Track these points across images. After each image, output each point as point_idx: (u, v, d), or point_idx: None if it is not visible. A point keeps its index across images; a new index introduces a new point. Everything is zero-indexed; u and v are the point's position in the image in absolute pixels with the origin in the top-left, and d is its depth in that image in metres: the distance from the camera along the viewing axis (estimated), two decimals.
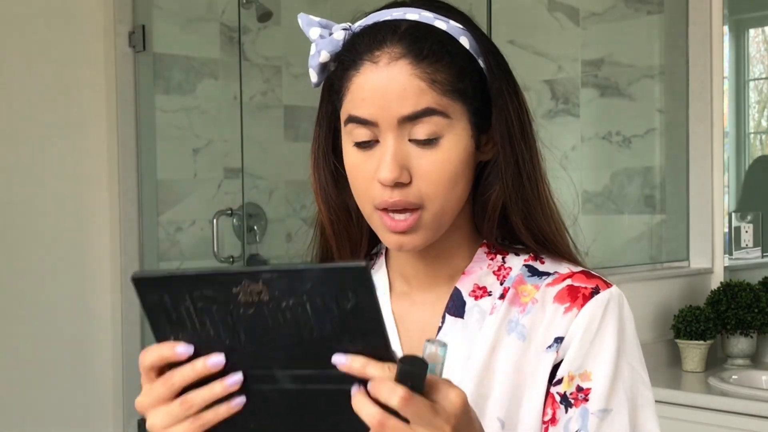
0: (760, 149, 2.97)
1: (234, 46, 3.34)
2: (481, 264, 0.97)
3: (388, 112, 0.87)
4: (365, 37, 0.91)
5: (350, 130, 0.91)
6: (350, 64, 0.90)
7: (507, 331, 0.94)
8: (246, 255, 3.34)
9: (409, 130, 0.88)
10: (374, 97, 0.88)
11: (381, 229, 0.92)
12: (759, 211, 2.81)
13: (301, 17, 0.96)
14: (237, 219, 3.32)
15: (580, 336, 0.91)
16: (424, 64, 0.87)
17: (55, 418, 2.84)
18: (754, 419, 2.12)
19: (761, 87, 2.96)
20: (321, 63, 0.93)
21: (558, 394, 0.91)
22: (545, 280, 0.95)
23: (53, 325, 2.84)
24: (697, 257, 2.79)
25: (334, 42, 0.93)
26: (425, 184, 0.89)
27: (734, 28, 2.87)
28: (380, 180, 0.88)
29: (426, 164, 0.89)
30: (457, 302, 0.96)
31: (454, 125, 0.89)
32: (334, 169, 0.98)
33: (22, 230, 2.79)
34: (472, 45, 0.92)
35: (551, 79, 3.03)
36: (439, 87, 0.88)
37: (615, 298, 0.93)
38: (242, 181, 3.27)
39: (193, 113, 3.28)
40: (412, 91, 0.87)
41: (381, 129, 0.88)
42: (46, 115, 2.83)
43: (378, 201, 0.90)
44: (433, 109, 0.88)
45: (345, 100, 0.91)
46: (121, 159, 2.95)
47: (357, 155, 0.91)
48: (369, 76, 0.88)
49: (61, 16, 2.86)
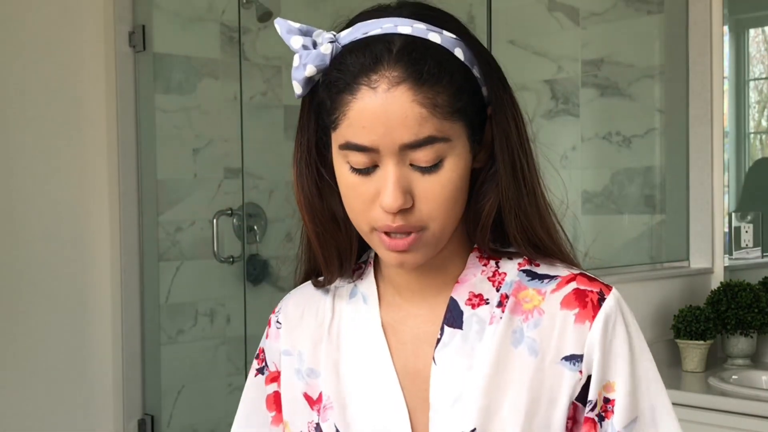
0: (760, 149, 2.97)
1: (234, 46, 3.34)
2: (475, 271, 0.96)
3: (389, 138, 0.85)
4: (357, 55, 0.86)
5: (347, 155, 0.88)
6: (344, 86, 0.86)
7: (513, 343, 0.92)
8: (246, 255, 3.34)
9: (411, 156, 0.86)
10: (375, 125, 0.85)
11: (380, 248, 0.91)
12: (759, 211, 2.81)
13: (278, 23, 0.91)
14: (237, 219, 3.32)
15: (599, 351, 0.91)
16: (424, 88, 0.85)
17: (55, 417, 2.84)
18: (754, 419, 2.12)
19: (761, 87, 2.95)
20: (307, 78, 0.89)
21: (597, 416, 0.92)
22: (549, 286, 0.94)
23: (53, 325, 2.84)
24: (697, 257, 2.79)
25: (321, 56, 0.88)
26: (427, 207, 0.87)
27: (734, 28, 2.87)
28: (384, 208, 0.86)
29: (428, 188, 0.87)
30: (454, 312, 0.94)
31: (455, 146, 0.88)
32: (318, 179, 0.96)
33: (22, 230, 2.79)
34: (466, 55, 0.89)
35: (551, 79, 3.03)
36: (440, 112, 0.85)
37: (619, 302, 0.93)
38: (242, 181, 3.27)
39: (193, 113, 3.28)
40: (414, 120, 0.84)
41: (381, 155, 0.86)
42: (46, 114, 2.83)
43: (380, 225, 0.88)
44: (435, 137, 0.85)
45: (341, 125, 0.87)
46: (121, 159, 2.95)
47: (354, 178, 0.88)
48: (368, 103, 0.85)
49: (61, 16, 2.86)
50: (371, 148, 0.86)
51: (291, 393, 1.02)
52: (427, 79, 0.85)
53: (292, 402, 1.02)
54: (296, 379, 1.02)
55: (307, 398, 1.00)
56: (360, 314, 0.99)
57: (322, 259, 0.98)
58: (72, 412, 2.88)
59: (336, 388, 0.98)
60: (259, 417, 1.06)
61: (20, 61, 2.78)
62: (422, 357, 0.95)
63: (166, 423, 3.11)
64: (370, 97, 0.85)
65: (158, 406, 3.08)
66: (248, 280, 3.32)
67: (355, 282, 1.01)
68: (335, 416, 0.97)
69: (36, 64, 2.81)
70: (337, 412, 0.97)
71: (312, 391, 1.00)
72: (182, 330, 3.24)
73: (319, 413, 0.99)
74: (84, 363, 2.91)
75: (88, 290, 2.92)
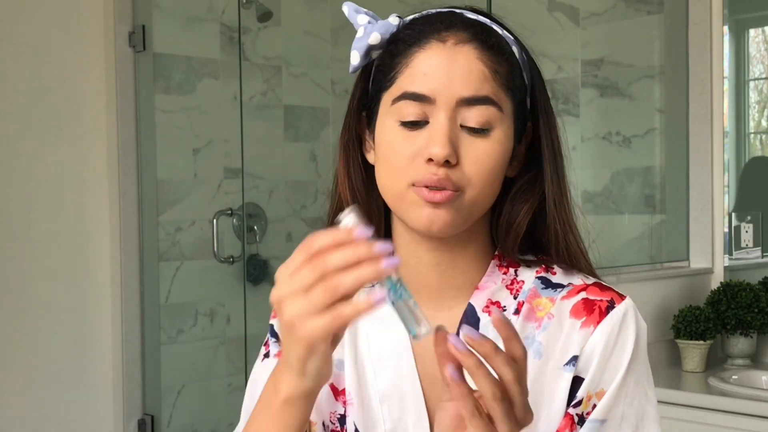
0: (760, 149, 2.97)
1: (234, 46, 3.34)
2: (495, 278, 0.95)
3: (449, 89, 0.87)
4: (431, 19, 0.91)
5: (399, 108, 0.88)
6: (414, 41, 0.89)
7: None
8: (246, 255, 3.34)
9: (463, 115, 0.87)
10: (438, 73, 0.87)
11: (414, 206, 0.88)
12: (759, 211, 2.81)
13: (347, 5, 0.94)
14: (237, 219, 3.32)
15: (599, 355, 0.90)
16: (490, 52, 0.88)
17: (55, 417, 2.85)
18: (754, 419, 2.12)
19: (761, 87, 2.95)
20: (369, 45, 0.91)
21: (576, 415, 0.90)
22: (560, 293, 0.94)
23: (53, 325, 2.84)
24: (697, 257, 2.79)
25: (388, 25, 0.91)
26: (470, 169, 0.87)
27: (734, 28, 2.87)
28: (432, 155, 0.86)
29: (475, 151, 0.87)
30: (471, 318, 0.94)
31: (505, 121, 0.89)
32: (363, 166, 0.96)
33: (22, 230, 2.79)
34: (521, 57, 0.93)
35: (551, 79, 3.03)
36: (500, 78, 0.88)
37: (630, 311, 0.92)
38: (242, 181, 3.27)
39: (193, 113, 3.28)
40: (477, 75, 0.87)
41: (436, 107, 0.87)
42: (47, 115, 2.83)
43: (421, 177, 0.87)
44: (492, 98, 0.88)
45: (399, 78, 0.89)
46: (121, 159, 2.95)
47: (401, 133, 0.88)
48: (435, 52, 0.88)
49: (61, 16, 2.86)
50: (429, 96, 0.87)
51: None
52: (492, 47, 0.89)
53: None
54: None
55: (333, 388, 0.98)
56: (383, 315, 0.98)
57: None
58: (72, 412, 2.88)
59: (357, 386, 0.96)
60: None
61: (20, 61, 2.78)
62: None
63: (166, 423, 3.11)
64: (439, 48, 0.88)
65: (158, 406, 3.08)
66: (248, 280, 3.32)
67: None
68: (355, 414, 0.96)
69: (36, 64, 2.81)
70: (357, 410, 0.96)
71: (338, 383, 0.98)
72: (182, 330, 3.24)
73: (344, 405, 0.97)
74: (84, 363, 2.91)
75: (88, 290, 2.92)
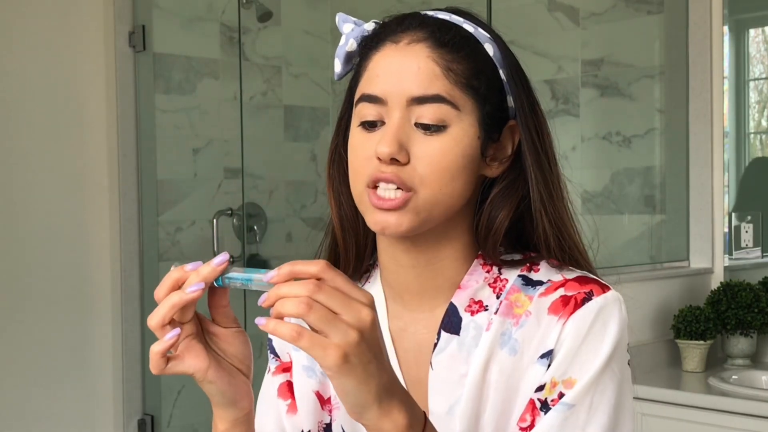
0: (760, 149, 2.97)
1: (234, 46, 3.34)
2: (477, 277, 0.94)
3: (398, 88, 0.88)
4: (392, 23, 0.93)
5: (359, 111, 0.90)
6: (373, 46, 0.91)
7: (500, 345, 0.91)
8: (246, 255, 3.34)
9: (416, 113, 0.87)
10: (387, 74, 0.88)
11: (368, 209, 0.89)
12: (759, 211, 2.81)
13: (339, 16, 0.97)
14: (237, 219, 3.32)
15: (568, 342, 0.87)
16: (443, 50, 0.88)
17: (55, 418, 2.84)
18: (754, 419, 2.12)
19: (761, 87, 2.95)
20: (347, 52, 0.94)
21: (539, 400, 0.87)
22: (538, 290, 0.92)
23: (53, 325, 2.84)
24: (697, 257, 2.79)
25: (362, 30, 0.94)
26: (422, 168, 0.87)
27: (734, 28, 2.87)
28: (377, 153, 0.86)
29: (427, 149, 0.87)
30: (453, 318, 0.93)
31: (462, 119, 0.88)
32: (347, 168, 0.96)
33: (22, 230, 2.79)
34: (496, 54, 0.92)
35: (551, 79, 3.03)
36: (453, 77, 0.88)
37: (610, 304, 0.89)
38: (242, 181, 3.27)
39: (193, 113, 3.28)
40: (426, 74, 0.87)
41: (389, 107, 0.88)
42: (47, 114, 2.83)
43: (370, 174, 0.88)
44: (443, 97, 0.87)
45: (361, 80, 0.91)
46: (121, 159, 2.95)
47: (360, 135, 0.90)
48: (388, 53, 0.89)
49: (61, 16, 2.86)
50: (381, 98, 0.88)
51: (302, 388, 1.00)
52: (446, 44, 0.89)
53: (303, 398, 1.00)
54: (307, 376, 1.00)
55: (318, 397, 0.99)
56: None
57: (342, 249, 0.98)
58: (72, 412, 2.88)
59: None
60: (271, 410, 1.03)
61: (20, 61, 2.78)
62: (423, 364, 0.94)
63: (166, 423, 3.11)
64: (392, 49, 0.90)
65: (158, 406, 3.08)
66: None
67: (363, 285, 1.00)
68: (342, 417, 0.97)
69: (36, 64, 2.81)
70: (344, 413, 0.96)
71: (324, 390, 0.99)
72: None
73: (330, 413, 0.98)
74: (84, 363, 2.91)
75: (88, 290, 2.92)
